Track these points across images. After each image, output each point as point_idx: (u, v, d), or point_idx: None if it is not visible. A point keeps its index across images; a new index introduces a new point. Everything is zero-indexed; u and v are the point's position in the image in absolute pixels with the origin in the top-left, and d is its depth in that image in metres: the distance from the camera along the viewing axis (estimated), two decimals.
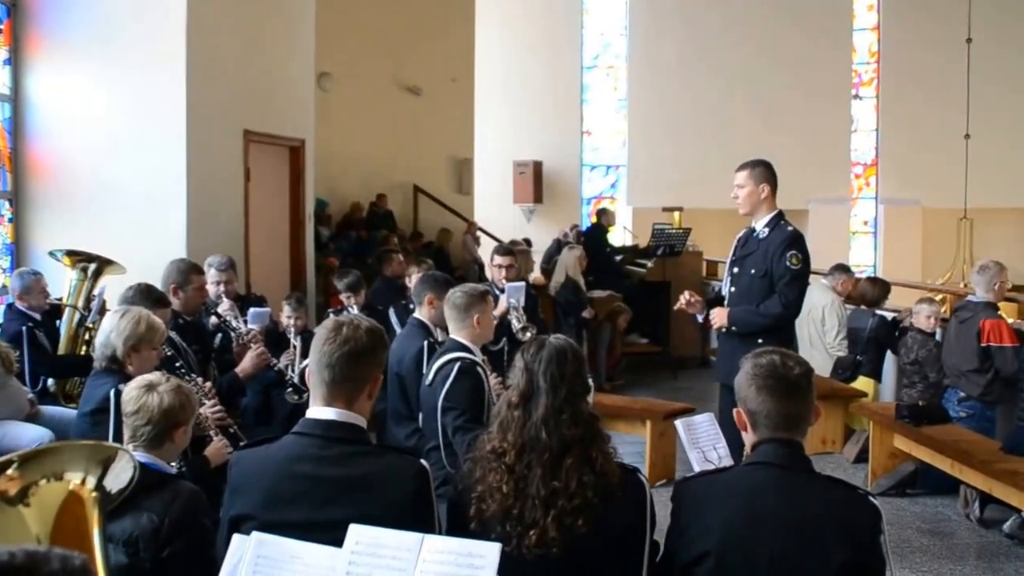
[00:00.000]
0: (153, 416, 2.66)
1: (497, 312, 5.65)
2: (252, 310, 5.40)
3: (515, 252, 6.52)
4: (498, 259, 6.13)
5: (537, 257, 12.03)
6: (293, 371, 5.13)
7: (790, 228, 4.49)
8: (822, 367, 7.13)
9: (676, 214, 11.87)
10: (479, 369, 3.76)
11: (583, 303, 9.10)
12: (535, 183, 16.25)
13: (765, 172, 4.52)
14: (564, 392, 2.41)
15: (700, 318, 4.73)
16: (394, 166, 13.04)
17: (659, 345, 10.42)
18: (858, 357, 7.04)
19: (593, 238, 11.25)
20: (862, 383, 7.00)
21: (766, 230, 4.51)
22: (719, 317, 4.53)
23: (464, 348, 3.83)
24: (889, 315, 7.20)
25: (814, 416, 2.34)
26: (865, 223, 17.84)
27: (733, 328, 4.48)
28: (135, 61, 6.60)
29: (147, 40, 6.59)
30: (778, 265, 4.41)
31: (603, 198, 17.49)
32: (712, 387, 7.79)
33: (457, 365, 3.72)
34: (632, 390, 9.07)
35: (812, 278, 5.69)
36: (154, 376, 2.80)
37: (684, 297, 4.64)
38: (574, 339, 10.09)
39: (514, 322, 5.66)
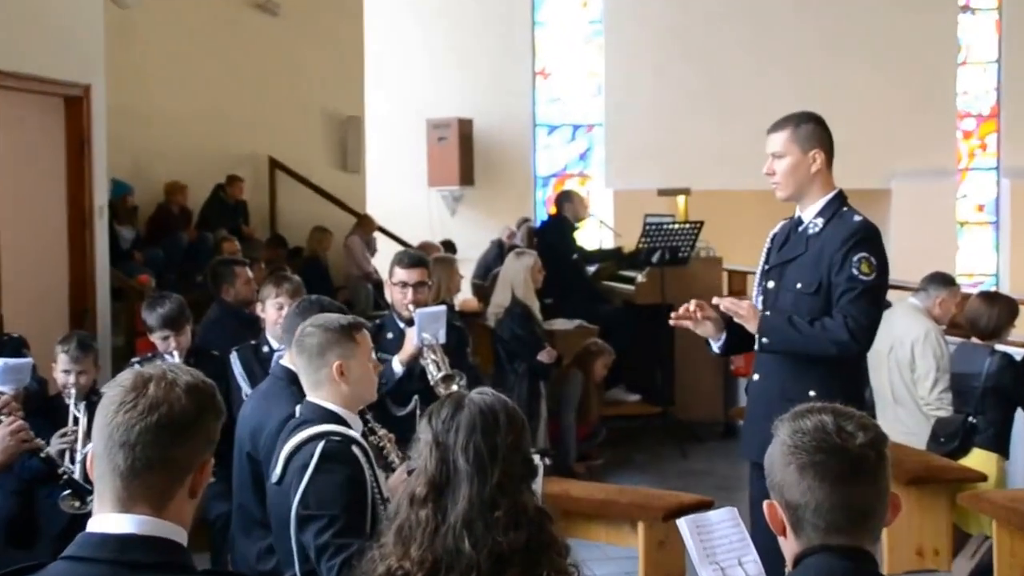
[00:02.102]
0: None
1: (404, 356, 5.83)
2: (2, 361, 5.33)
3: (429, 262, 6.59)
4: (402, 273, 6.18)
5: (467, 269, 12.06)
6: (72, 460, 5.07)
7: (857, 218, 4.57)
8: (914, 433, 7.24)
9: (680, 200, 12.01)
10: (356, 450, 3.75)
11: (538, 339, 9.16)
12: (462, 155, 16.34)
13: (816, 132, 4.61)
14: (496, 477, 2.44)
15: (716, 346, 4.78)
16: (238, 129, 13.02)
17: (658, 404, 10.53)
18: (970, 418, 7.14)
19: (553, 238, 11.37)
20: (978, 459, 7.09)
21: (819, 222, 4.60)
22: (747, 311, 4.55)
23: (330, 417, 3.85)
24: (1019, 352, 7.36)
25: (891, 511, 2.38)
26: (980, 208, 18.29)
27: (764, 340, 4.56)
28: None
29: None
30: (839, 275, 4.49)
31: (568, 176, 17.65)
32: (740, 468, 7.85)
33: (319, 447, 3.70)
34: (617, 474, 9.13)
35: (894, 296, 5.74)
36: None
37: (686, 307, 4.70)
38: (526, 395, 9.95)
39: (430, 369, 5.76)
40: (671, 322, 4.73)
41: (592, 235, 14.54)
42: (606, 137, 17.28)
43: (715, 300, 4.67)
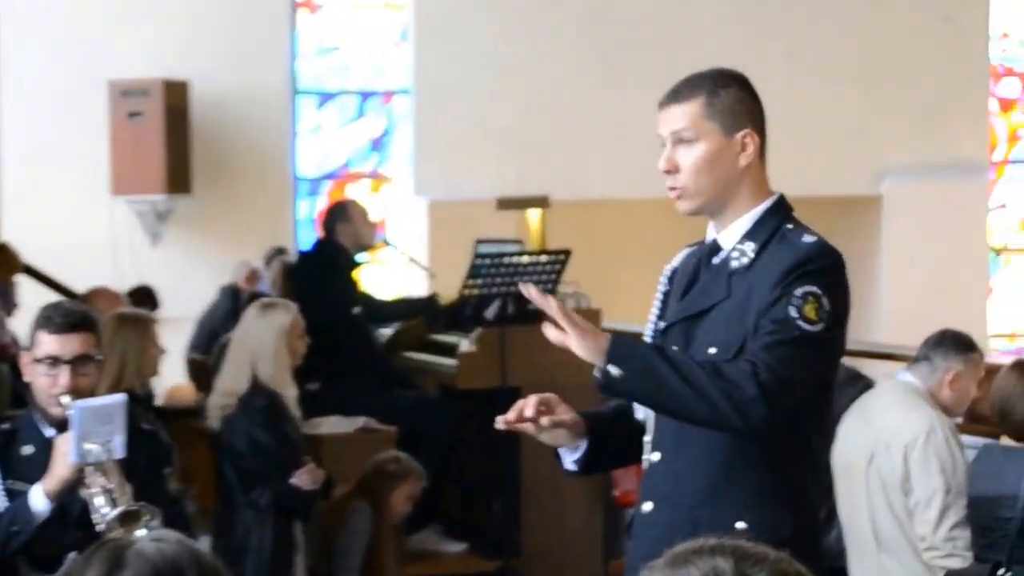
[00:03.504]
0: None
1: (51, 483, 5.79)
2: None
3: (99, 322, 6.54)
4: (50, 342, 6.12)
5: (178, 334, 11.94)
6: None
7: (809, 238, 4.66)
8: None
9: (533, 216, 12.07)
10: None
11: (294, 450, 9.12)
12: (171, 143, 16.16)
13: (745, 101, 4.74)
14: None
15: (569, 459, 4.81)
16: None
17: (496, 555, 10.60)
18: (1000, 571, 7.28)
19: (322, 282, 11.38)
20: None
21: (748, 249, 4.69)
22: (579, 324, 4.51)
23: None
24: None
25: None
26: None
27: (614, 372, 4.47)
28: None
29: None
30: (767, 316, 4.54)
31: (352, 177, 17.61)
32: None
33: None
34: None
35: (877, 369, 5.79)
36: None
37: (521, 406, 4.65)
38: (271, 543, 9.90)
39: (98, 505, 5.69)
40: (498, 425, 4.71)
41: (388, 275, 14.52)
42: (415, 114, 17.30)
43: (522, 286, 4.68)
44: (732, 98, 4.68)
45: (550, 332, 4.47)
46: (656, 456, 4.72)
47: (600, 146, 15.74)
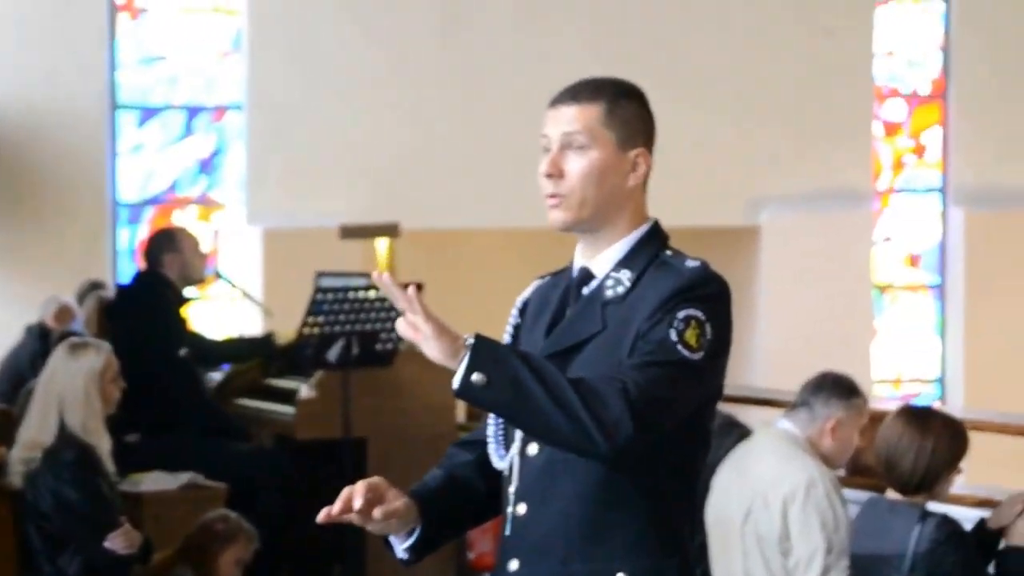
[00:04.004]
0: None
1: None
2: None
3: None
4: None
5: None
6: None
7: (692, 263, 4.65)
8: None
9: (381, 246, 12.06)
10: None
11: (107, 509, 9.04)
12: None
13: (643, 119, 4.77)
14: None
15: (401, 547, 4.72)
16: None
17: None
18: None
19: (143, 319, 11.34)
20: None
21: (624, 277, 4.67)
22: (433, 325, 4.42)
23: None
24: (967, 516, 7.56)
25: None
26: (914, 261, 18.86)
27: (476, 379, 4.37)
28: None
29: None
30: (643, 338, 4.52)
31: (178, 202, 17.47)
32: None
33: None
34: None
35: (754, 415, 5.85)
36: None
37: (346, 496, 4.62)
38: None
39: None
40: (320, 519, 4.65)
41: (219, 312, 14.44)
42: (249, 132, 17.21)
43: (375, 275, 4.63)
44: (633, 112, 4.71)
45: (401, 327, 4.40)
46: (522, 508, 4.67)
47: (454, 171, 15.68)
